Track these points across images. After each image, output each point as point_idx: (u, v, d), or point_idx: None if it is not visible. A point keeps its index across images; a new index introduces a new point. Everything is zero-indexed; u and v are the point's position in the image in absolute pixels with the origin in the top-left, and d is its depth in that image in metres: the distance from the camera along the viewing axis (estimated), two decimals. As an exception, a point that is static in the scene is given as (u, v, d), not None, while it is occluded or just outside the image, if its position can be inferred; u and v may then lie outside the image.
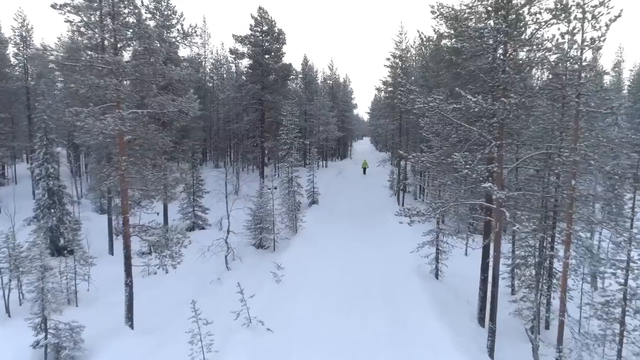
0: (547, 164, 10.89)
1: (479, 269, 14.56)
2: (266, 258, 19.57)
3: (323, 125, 44.65)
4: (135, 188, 13.54)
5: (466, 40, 10.84)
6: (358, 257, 19.84)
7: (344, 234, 23.64)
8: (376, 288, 16.29)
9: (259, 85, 31.25)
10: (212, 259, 18.61)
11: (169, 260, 13.84)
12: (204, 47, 44.54)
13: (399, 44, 30.02)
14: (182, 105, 12.78)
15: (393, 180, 34.84)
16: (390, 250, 20.83)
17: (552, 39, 9.60)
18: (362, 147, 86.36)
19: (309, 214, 26.87)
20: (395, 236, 23.24)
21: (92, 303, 15.63)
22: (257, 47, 31.33)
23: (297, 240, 21.81)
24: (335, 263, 18.87)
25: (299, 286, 16.19)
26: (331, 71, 55.30)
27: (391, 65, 31.37)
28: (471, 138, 11.58)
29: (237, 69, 39.40)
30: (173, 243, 13.15)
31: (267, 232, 20.97)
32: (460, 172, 9.96)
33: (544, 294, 13.25)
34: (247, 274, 17.75)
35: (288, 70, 32.63)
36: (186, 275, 17.60)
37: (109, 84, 11.18)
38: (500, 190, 9.12)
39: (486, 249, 12.95)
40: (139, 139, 13.40)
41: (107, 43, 11.96)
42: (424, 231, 20.27)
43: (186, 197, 25.03)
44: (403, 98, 10.86)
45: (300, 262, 18.71)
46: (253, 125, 32.62)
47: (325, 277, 17.12)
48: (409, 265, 18.23)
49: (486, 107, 9.59)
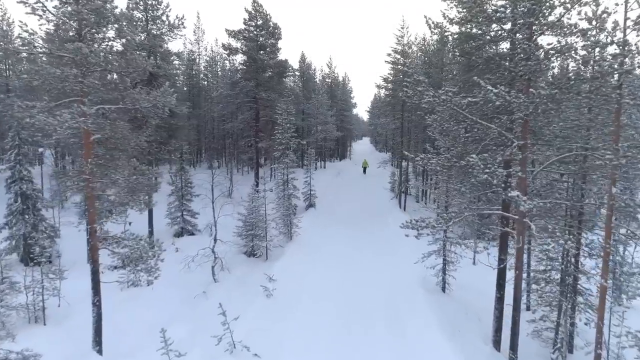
0: (581, 167, 9.35)
1: (490, 280, 13.06)
2: (258, 268, 18.00)
3: (321, 125, 43.10)
4: (105, 194, 11.96)
5: (483, 23, 9.30)
6: (357, 266, 18.29)
7: (343, 240, 22.09)
8: (378, 303, 14.74)
9: (253, 82, 29.68)
10: (198, 269, 17.03)
11: (144, 275, 12.26)
12: (198, 44, 43.06)
13: (401, 39, 28.49)
14: (156, 100, 11.20)
15: (394, 182, 33.31)
16: (392, 259, 19.30)
17: (588, 19, 8.04)
18: (361, 148, 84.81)
19: (306, 218, 25.34)
20: (397, 242, 21.69)
21: (62, 321, 14.05)
22: (251, 42, 29.77)
23: (292, 247, 20.25)
24: (333, 273, 17.31)
25: (293, 302, 14.63)
26: (330, 69, 53.79)
27: (392, 62, 29.82)
28: (487, 137, 10.04)
29: (231, 66, 37.79)
30: (148, 257, 11.56)
31: (259, 240, 19.40)
32: (478, 177, 8.40)
33: (568, 314, 11.70)
34: (235, 287, 16.19)
35: (284, 66, 31.07)
36: (169, 287, 16.03)
37: (67, 75, 9.62)
38: (526, 199, 7.57)
39: (502, 262, 11.40)
40: (110, 139, 11.83)
41: (67, 27, 10.39)
42: (428, 238, 18.82)
43: (174, 201, 23.45)
44: (409, 91, 9.31)
45: (294, 273, 17.16)
46: (247, 124, 31.06)
47: (322, 290, 15.57)
48: (413, 277, 16.68)
49: (510, 100, 8.03)
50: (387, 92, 33.50)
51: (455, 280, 16.02)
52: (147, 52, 19.71)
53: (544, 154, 9.56)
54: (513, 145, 8.76)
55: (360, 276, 17.07)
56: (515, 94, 8.19)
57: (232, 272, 17.39)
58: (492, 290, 14.92)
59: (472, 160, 8.14)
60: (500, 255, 11.33)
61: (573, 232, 11.03)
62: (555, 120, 9.73)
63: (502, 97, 8.04)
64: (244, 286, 16.18)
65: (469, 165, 8.69)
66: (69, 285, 15.17)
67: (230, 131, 35.52)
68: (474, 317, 14.15)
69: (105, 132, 11.17)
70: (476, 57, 10.79)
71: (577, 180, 11.00)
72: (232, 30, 29.37)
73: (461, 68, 12.53)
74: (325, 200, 30.52)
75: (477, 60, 10.90)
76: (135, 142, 11.59)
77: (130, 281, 13.05)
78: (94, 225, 11.17)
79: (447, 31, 10.99)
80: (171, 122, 20.15)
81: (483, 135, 10.17)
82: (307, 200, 28.66)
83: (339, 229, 24.09)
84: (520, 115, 8.43)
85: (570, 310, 11.73)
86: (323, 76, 54.56)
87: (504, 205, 10.81)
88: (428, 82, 9.10)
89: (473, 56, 11.00)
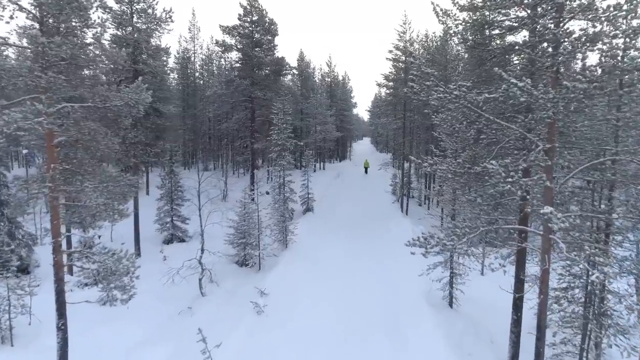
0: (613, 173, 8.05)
1: (502, 295, 11.75)
2: (249, 279, 16.73)
3: (320, 125, 41.78)
4: (74, 203, 10.67)
5: (501, 5, 8.01)
6: (356, 276, 16.99)
7: (341, 246, 20.78)
8: (379, 320, 13.46)
9: (248, 80, 28.40)
10: (184, 282, 15.74)
11: (118, 293, 10.97)
12: (193, 42, 41.74)
13: (403, 35, 27.16)
14: (128, 98, 9.90)
15: (395, 185, 31.97)
16: (394, 267, 17.98)
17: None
18: (362, 148, 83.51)
19: (302, 223, 24.02)
20: (399, 249, 20.16)
21: (31, 342, 12.77)
22: (246, 39, 28.48)
23: (287, 256, 18.95)
24: (330, 285, 16.02)
25: (285, 319, 13.35)
26: (329, 68, 52.42)
27: (393, 59, 28.51)
28: (504, 140, 8.74)
29: (226, 64, 36.48)
30: (121, 273, 10.28)
31: (251, 248, 18.12)
32: (498, 187, 7.09)
33: (594, 338, 10.40)
34: (224, 301, 14.92)
35: (280, 64, 29.78)
36: (152, 302, 14.78)
37: (21, 68, 8.33)
38: (560, 216, 6.26)
39: (519, 282, 10.11)
40: (78, 141, 10.54)
41: (28, 16, 9.10)
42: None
43: (164, 206, 22.17)
44: (415, 86, 8.00)
45: (288, 285, 15.87)
46: (242, 124, 29.77)
47: (317, 305, 14.29)
48: (418, 290, 15.38)
49: (537, 96, 6.73)
50: (389, 91, 32.20)
51: (464, 295, 14.71)
52: (132, 47, 18.44)
53: (574, 158, 8.23)
54: (538, 149, 7.44)
55: (360, 288, 15.79)
56: (544, 88, 6.88)
57: (222, 285, 16.10)
58: (504, 304, 13.63)
59: (491, 168, 6.83)
60: (517, 273, 10.02)
61: (600, 247, 9.71)
62: (581, 119, 8.42)
63: (528, 93, 6.73)
64: (233, 300, 14.91)
65: (486, 172, 7.39)
66: (42, 299, 13.89)
67: (226, 132, 34.21)
68: (485, 337, 12.83)
69: (71, 133, 9.88)
70: (491, 47, 9.48)
71: (604, 188, 9.70)
72: (226, 27, 28.09)
73: (472, 61, 11.22)
74: (324, 203, 29.21)
75: (492, 51, 9.59)
76: (106, 145, 10.28)
77: (101, 301, 11.76)
78: (58, 239, 9.87)
79: (457, 19, 9.69)
80: (158, 122, 18.87)
81: (500, 137, 8.86)
82: (304, 204, 27.37)
83: (338, 235, 22.79)
84: (547, 113, 7.12)
85: (596, 333, 10.42)
86: (322, 75, 53.27)
87: (521, 217, 9.50)
88: (438, 76, 7.79)
89: (486, 47, 9.69)
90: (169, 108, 18.62)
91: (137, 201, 19.39)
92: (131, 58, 18.48)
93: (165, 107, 18.59)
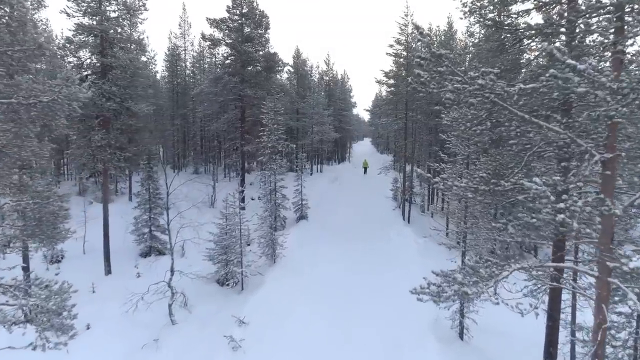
0: None
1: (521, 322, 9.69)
2: (230, 302, 14.63)
3: (317, 126, 39.65)
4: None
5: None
6: (354, 298, 14.91)
7: (337, 260, 18.66)
8: (378, 354, 11.40)
9: (237, 77, 26.32)
10: (153, 307, 13.62)
11: (54, 333, 8.88)
12: (184, 38, 39.62)
13: (404, 28, 25.03)
14: (58, 93, 7.81)
15: (396, 189, 29.85)
16: (395, 285, 15.82)
17: None
18: (362, 149, 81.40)
19: (295, 233, 21.94)
20: (401, 262, 18.40)
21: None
22: (235, 32, 26.40)
23: (274, 273, 16.84)
24: (323, 309, 13.91)
25: (267, 355, 11.25)
26: (327, 66, 50.33)
27: (394, 54, 26.39)
28: (536, 146, 6.64)
29: (217, 60, 34.39)
30: (52, 313, 8.20)
31: (234, 265, 16.02)
32: (540, 213, 4.99)
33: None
34: (197, 331, 12.81)
35: (273, 60, 27.67)
36: (111, 333, 12.69)
37: None
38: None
39: (552, 323, 8.00)
40: (5, 146, 8.45)
41: None
42: (439, 258, 15.47)
43: (141, 215, 20.07)
44: (424, 73, 5.91)
45: (273, 310, 13.76)
46: (232, 125, 27.67)
47: (307, 335, 12.20)
48: (423, 316, 13.25)
49: (605, 84, 4.63)
50: (389, 89, 30.08)
51: (476, 325, 12.58)
52: (100, 39, 16.38)
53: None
54: (593, 160, 5.33)
55: (356, 312, 13.70)
56: (613, 74, 4.78)
57: (196, 310, 14.00)
58: (525, 335, 11.62)
59: (534, 188, 4.73)
60: (551, 312, 7.90)
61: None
62: None
63: (591, 80, 4.62)
64: (208, 330, 12.78)
65: (522, 191, 5.28)
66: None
67: (216, 133, 32.13)
68: (504, 381, 10.72)
69: (-14, 137, 7.81)
70: (518, 27, 7.38)
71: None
72: (214, 19, 26.03)
73: (490, 48, 9.10)
74: (320, 210, 27.09)
75: (517, 32, 7.49)
76: (33, 151, 8.18)
77: (31, 346, 9.59)
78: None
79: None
80: (129, 123, 16.78)
81: (536, 143, 6.76)
82: (298, 211, 25.26)
83: (334, 246, 20.68)
84: (611, 111, 5.00)
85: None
86: (320, 73, 51.15)
87: (555, 245, 7.42)
88: (454, 60, 5.69)
89: (512, 27, 7.59)
90: (140, 107, 16.49)
91: (106, 209, 17.32)
92: (98, 50, 16.42)
93: (137, 106, 16.48)
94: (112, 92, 16.01)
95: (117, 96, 16.23)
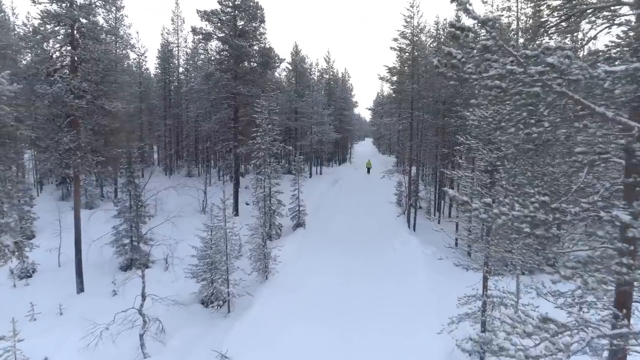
0: None
1: None
2: (213, 329, 12.75)
3: (317, 126, 37.73)
4: None
5: None
6: (354, 321, 13.07)
7: (336, 275, 16.80)
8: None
9: (230, 74, 24.45)
10: (122, 336, 11.73)
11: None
12: (177, 34, 37.76)
13: (410, 20, 23.09)
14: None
15: (400, 194, 27.95)
16: (402, 304, 14.17)
17: None
18: (363, 149, 79.44)
19: (290, 243, 20.08)
20: (408, 276, 16.61)
21: None
22: (227, 25, 24.52)
23: (266, 292, 14.96)
24: (321, 334, 12.09)
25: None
26: (327, 64, 48.36)
27: (399, 48, 24.45)
28: (593, 147, 4.76)
29: (210, 56, 32.50)
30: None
31: (221, 283, 14.15)
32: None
33: None
34: (172, 367, 10.95)
35: (268, 55, 25.79)
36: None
37: None
38: None
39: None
40: None
41: None
42: (452, 270, 13.62)
43: (121, 224, 18.21)
44: (457, 53, 4.02)
45: (262, 337, 11.92)
46: (224, 125, 25.79)
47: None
48: (436, 348, 11.39)
49: None
50: (393, 87, 28.18)
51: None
52: (70, 27, 14.52)
53: None
54: None
55: (361, 342, 11.82)
56: None
57: (174, 340, 12.10)
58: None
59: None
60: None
61: None
62: None
63: None
64: (185, 365, 10.94)
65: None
66: None
67: (209, 133, 30.26)
68: None
69: None
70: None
71: None
72: (204, 11, 24.14)
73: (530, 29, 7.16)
74: (318, 216, 25.21)
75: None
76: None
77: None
78: None
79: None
80: (103, 124, 14.91)
81: (591, 142, 4.86)
82: (294, 218, 23.38)
83: (333, 258, 18.82)
84: None
85: None
86: (320, 71, 49.25)
87: (620, 293, 5.52)
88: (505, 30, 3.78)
89: None
90: (115, 105, 14.61)
91: (78, 219, 15.46)
92: (68, 41, 14.57)
93: (112, 105, 14.61)
94: (82, 88, 14.15)
95: (88, 93, 14.38)
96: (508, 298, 10.19)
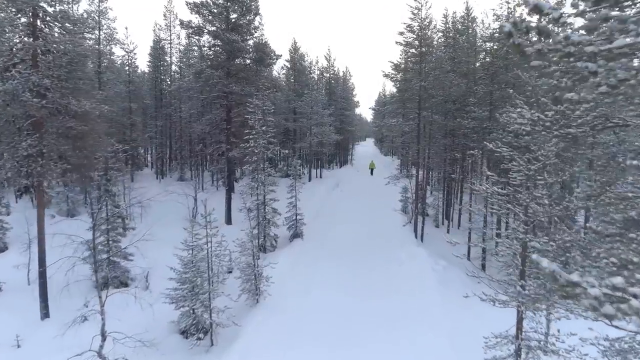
0: None
1: None
2: (192, 368, 10.84)
3: (316, 127, 35.74)
4: None
5: None
6: (356, 347, 11.22)
7: (336, 295, 14.93)
8: None
9: (221, 71, 22.53)
10: (82, 381, 9.82)
11: None
12: (169, 30, 35.84)
13: (417, 12, 21.09)
14: None
15: (406, 200, 25.97)
16: (413, 334, 12.19)
17: None
18: (364, 150, 77.46)
19: (286, 257, 18.18)
20: (416, 299, 14.64)
21: None
22: (218, 18, 22.59)
23: (256, 319, 13.02)
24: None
25: None
26: (328, 62, 46.36)
27: (405, 43, 22.45)
28: None
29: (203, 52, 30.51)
30: None
31: (202, 311, 12.20)
32: None
33: None
34: None
35: (263, 51, 23.84)
36: None
37: None
38: None
39: None
40: None
41: None
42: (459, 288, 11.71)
43: (97, 237, 16.25)
44: (512, 27, 2.03)
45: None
46: (216, 126, 23.87)
47: None
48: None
49: None
50: (397, 86, 26.22)
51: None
52: (32, 16, 12.60)
53: None
54: None
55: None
56: None
57: (143, 384, 10.18)
58: None
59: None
60: None
61: None
62: None
63: None
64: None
65: None
66: None
67: (201, 135, 28.32)
68: None
69: None
70: None
71: None
72: (194, 3, 22.22)
73: None
74: (317, 225, 23.26)
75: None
76: None
77: None
78: None
79: None
80: (70, 127, 12.98)
81: None
82: (291, 227, 21.45)
83: (332, 274, 16.94)
84: None
85: None
86: (320, 69, 47.28)
87: None
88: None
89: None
90: (83, 105, 12.67)
91: (42, 234, 13.53)
92: (29, 31, 12.64)
93: (79, 104, 12.68)
94: (43, 85, 12.23)
95: (51, 91, 12.45)
96: (549, 342, 8.23)
